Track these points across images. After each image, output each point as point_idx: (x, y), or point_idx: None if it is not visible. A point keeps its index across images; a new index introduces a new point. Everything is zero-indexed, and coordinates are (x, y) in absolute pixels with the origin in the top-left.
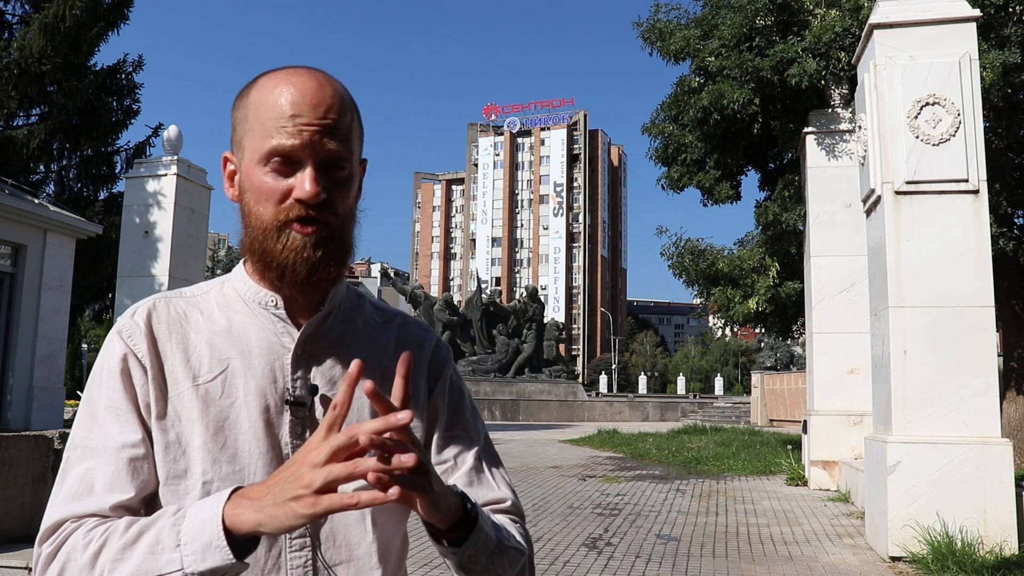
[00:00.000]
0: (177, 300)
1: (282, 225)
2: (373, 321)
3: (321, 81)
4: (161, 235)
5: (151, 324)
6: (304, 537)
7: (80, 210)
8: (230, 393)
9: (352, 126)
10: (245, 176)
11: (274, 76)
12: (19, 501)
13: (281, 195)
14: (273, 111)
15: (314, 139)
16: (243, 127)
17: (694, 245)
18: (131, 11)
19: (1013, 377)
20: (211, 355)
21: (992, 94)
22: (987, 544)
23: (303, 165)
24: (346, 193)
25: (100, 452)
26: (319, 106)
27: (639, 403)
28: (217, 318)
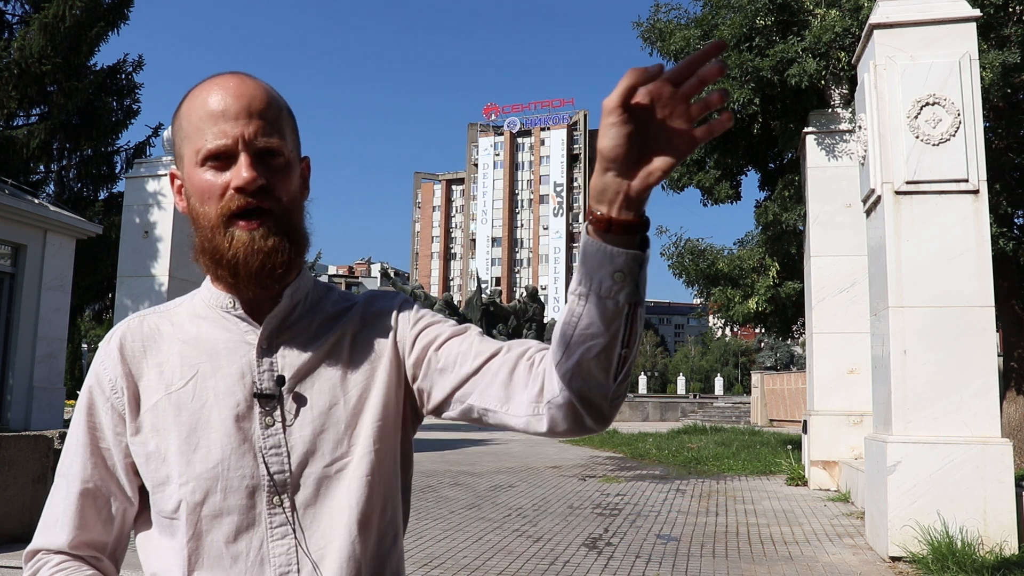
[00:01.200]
0: (151, 316)
1: (227, 220)
2: (341, 307)
3: (243, 79)
4: (161, 235)
5: (123, 347)
6: (285, 525)
7: (80, 210)
8: (200, 396)
9: (280, 118)
10: (188, 182)
11: (200, 84)
12: (19, 501)
13: (221, 189)
14: (201, 113)
15: (244, 131)
16: (179, 138)
17: (694, 245)
18: (131, 11)
19: (1013, 377)
20: (181, 363)
21: (992, 94)
22: (987, 544)
23: (237, 158)
24: (285, 180)
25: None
26: (242, 98)
27: (639, 403)
28: (187, 327)
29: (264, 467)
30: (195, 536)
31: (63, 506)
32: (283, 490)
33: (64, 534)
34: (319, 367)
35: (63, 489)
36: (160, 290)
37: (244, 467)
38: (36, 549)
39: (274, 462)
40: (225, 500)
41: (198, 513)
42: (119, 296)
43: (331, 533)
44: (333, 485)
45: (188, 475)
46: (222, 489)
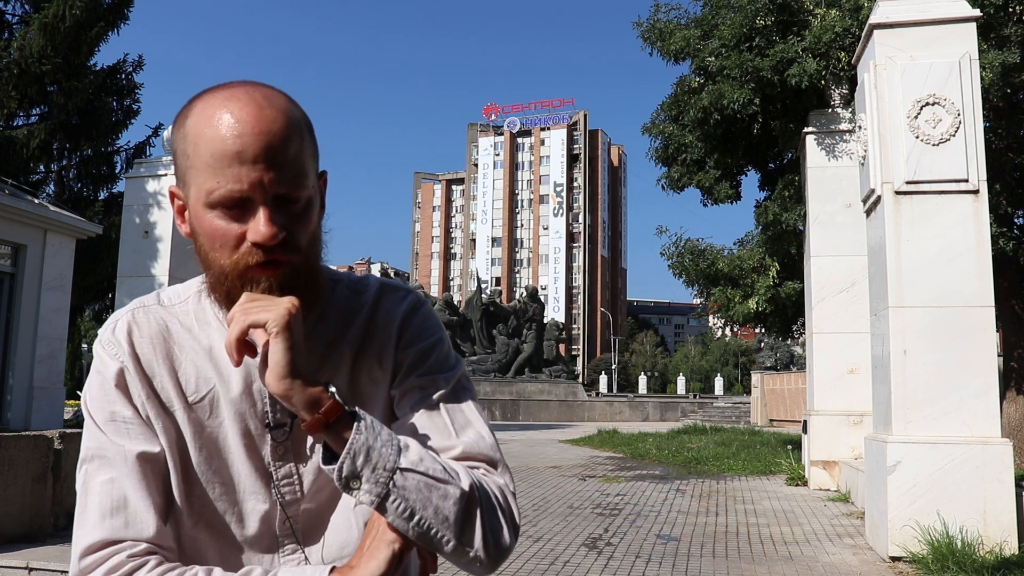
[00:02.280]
0: (157, 310)
1: (243, 272)
2: (348, 308)
3: (261, 104)
4: (161, 235)
5: (133, 341)
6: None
7: (80, 210)
8: (217, 415)
9: (302, 151)
10: (194, 217)
11: (211, 101)
12: (19, 501)
13: (236, 240)
14: (214, 149)
15: (263, 179)
16: (185, 162)
17: (694, 245)
18: (131, 11)
19: (1013, 377)
20: (197, 375)
21: (992, 94)
22: (987, 544)
23: (254, 206)
24: (306, 224)
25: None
26: (261, 136)
27: (639, 403)
28: (198, 335)
29: (278, 495)
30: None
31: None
32: (295, 519)
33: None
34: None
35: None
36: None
37: (258, 493)
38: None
39: (287, 491)
40: (241, 525)
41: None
42: (119, 296)
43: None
44: (345, 514)
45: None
46: (238, 513)
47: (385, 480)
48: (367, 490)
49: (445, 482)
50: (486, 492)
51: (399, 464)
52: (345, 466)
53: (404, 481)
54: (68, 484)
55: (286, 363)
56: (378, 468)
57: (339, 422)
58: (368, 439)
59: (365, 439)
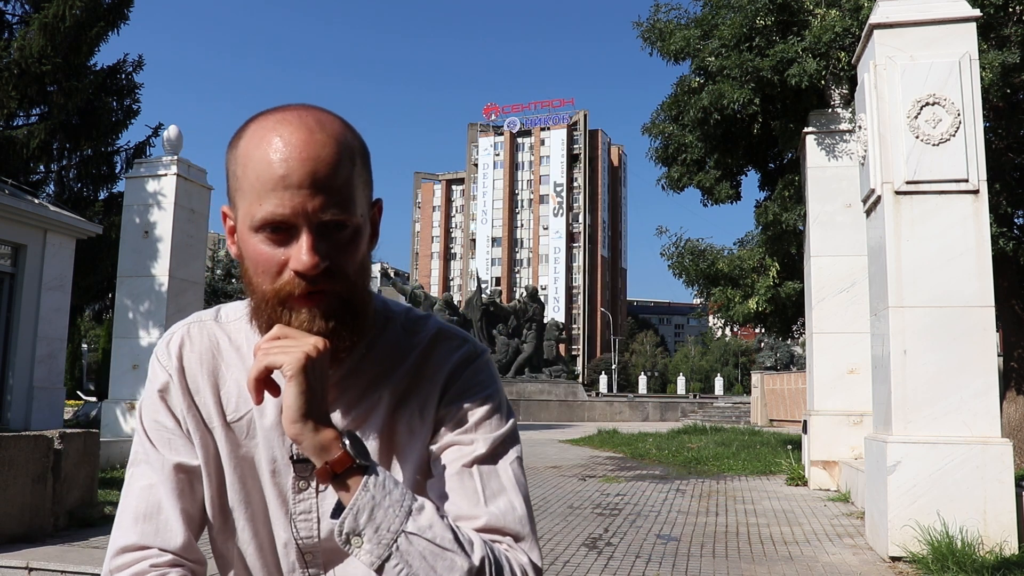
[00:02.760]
0: (211, 325)
1: (284, 300)
2: (399, 347)
3: (312, 128)
4: (161, 235)
5: (182, 356)
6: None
7: (80, 210)
8: (253, 435)
9: (352, 177)
10: (241, 240)
11: (262, 123)
12: (19, 501)
13: (278, 267)
14: (261, 171)
15: (307, 205)
16: (234, 184)
17: (694, 245)
18: (131, 11)
19: (1013, 377)
20: (239, 395)
21: (992, 94)
22: (987, 544)
23: (298, 232)
24: (352, 253)
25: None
26: (308, 161)
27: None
28: (245, 356)
29: (294, 530)
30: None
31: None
32: (310, 556)
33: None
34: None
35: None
36: (160, 290)
37: (279, 519)
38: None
39: (303, 527)
40: (265, 550)
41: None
42: (119, 296)
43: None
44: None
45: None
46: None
47: (388, 542)
48: (368, 550)
49: (453, 552)
50: (500, 568)
51: (405, 527)
52: (347, 523)
53: (409, 546)
54: (68, 484)
55: (298, 407)
56: (381, 529)
57: (348, 474)
58: (375, 497)
59: (372, 496)
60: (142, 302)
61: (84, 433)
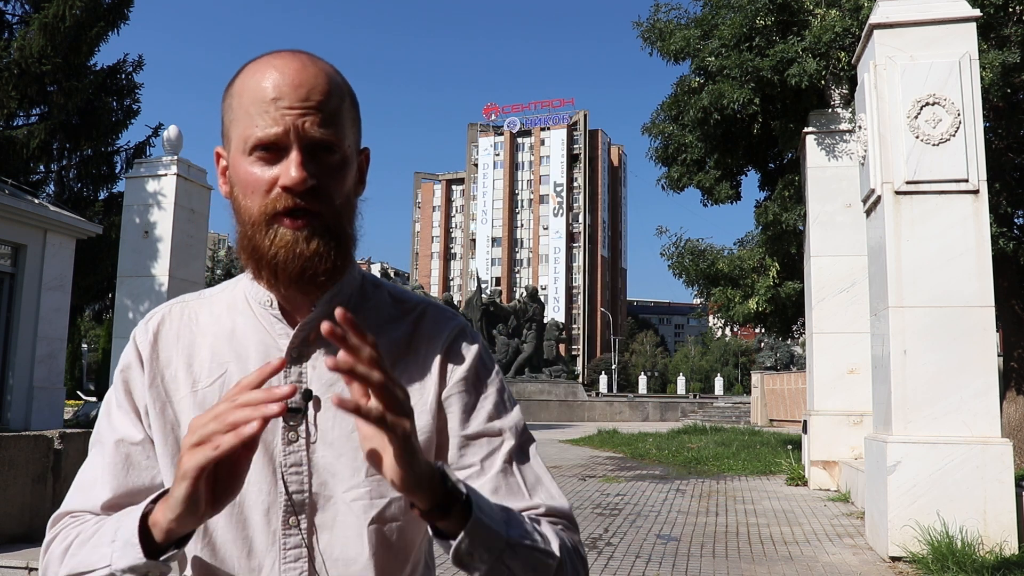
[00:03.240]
0: (193, 302)
1: (270, 218)
2: (388, 314)
3: (304, 62)
4: (161, 235)
5: (159, 332)
6: (300, 548)
7: (80, 210)
8: None
9: (342, 108)
10: (232, 168)
11: (257, 61)
12: (19, 501)
13: (268, 185)
14: (254, 96)
15: (297, 123)
16: (228, 117)
17: (694, 245)
18: (131, 11)
19: (1013, 377)
20: (211, 360)
21: (992, 94)
22: (987, 544)
23: (288, 151)
24: (340, 180)
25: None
26: (301, 87)
27: (639, 403)
28: (223, 321)
29: (283, 485)
30: (208, 546)
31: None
32: (300, 511)
33: (101, 493)
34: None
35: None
36: (160, 290)
37: (262, 482)
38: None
39: (293, 481)
40: (241, 515)
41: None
42: (119, 296)
43: (346, 561)
44: (352, 511)
45: None
46: (239, 503)
47: (497, 554)
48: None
49: (543, 550)
50: (570, 555)
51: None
52: (463, 547)
53: (513, 555)
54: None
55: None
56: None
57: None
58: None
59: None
60: (142, 302)
61: (84, 433)
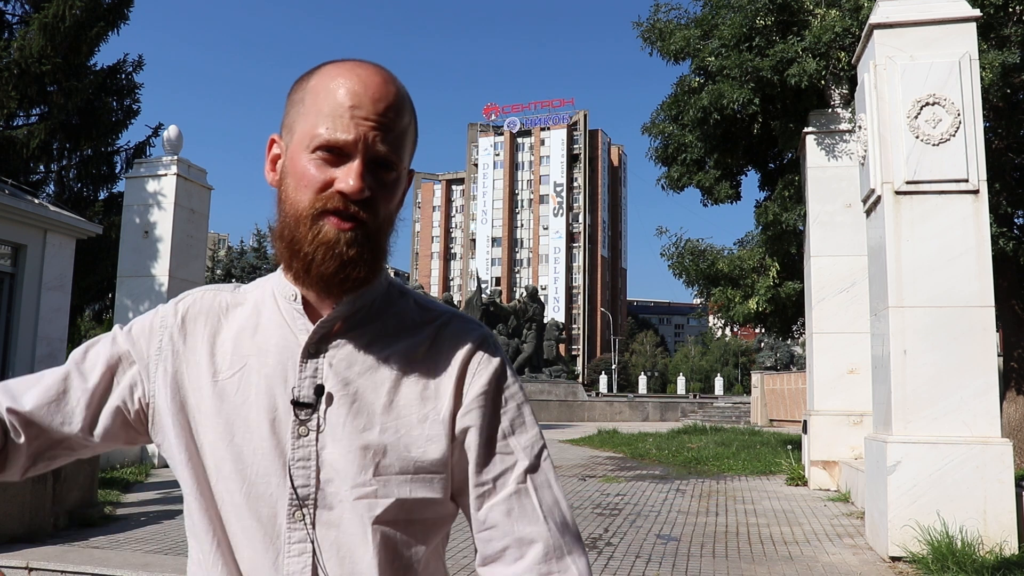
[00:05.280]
0: (224, 294)
1: (318, 214)
2: (411, 320)
3: (386, 78)
4: (161, 235)
5: (186, 314)
6: (304, 543)
7: (80, 210)
8: (243, 391)
9: (408, 130)
10: (289, 160)
11: (339, 65)
12: (19, 501)
13: (323, 184)
14: (332, 99)
15: (368, 135)
16: (297, 110)
17: (694, 245)
18: (131, 11)
19: (1013, 377)
20: (233, 352)
21: (992, 94)
22: (987, 544)
23: (351, 158)
24: (389, 197)
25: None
26: (380, 101)
27: (639, 403)
28: (250, 315)
29: (289, 478)
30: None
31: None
32: (305, 505)
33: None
34: (365, 383)
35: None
36: (160, 290)
37: (271, 475)
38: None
39: (300, 475)
40: (248, 506)
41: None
42: (119, 296)
43: (353, 558)
44: (356, 510)
45: (218, 473)
46: (246, 494)
47: None
48: None
49: None
50: None
51: None
52: None
53: None
54: (68, 484)
55: None
56: None
57: None
58: None
59: None
60: (142, 302)
61: None
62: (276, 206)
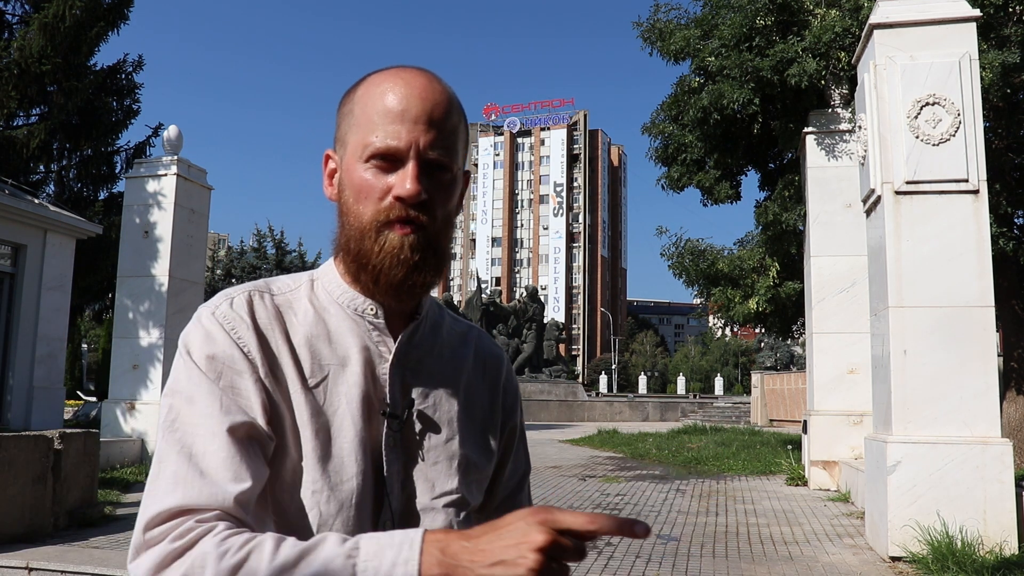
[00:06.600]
0: (269, 296)
1: (381, 226)
2: (454, 332)
3: (431, 79)
4: (161, 235)
5: (255, 317)
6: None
7: (80, 210)
8: (333, 402)
9: (458, 129)
10: (345, 173)
11: (384, 73)
12: (19, 501)
13: (381, 193)
14: (379, 107)
15: (419, 139)
16: (347, 122)
17: (694, 245)
18: (131, 11)
19: (1013, 377)
20: (312, 359)
21: (992, 94)
22: (987, 544)
23: (405, 163)
24: (446, 198)
25: (206, 433)
26: (427, 102)
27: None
28: (313, 320)
29: (382, 488)
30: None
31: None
32: (396, 515)
33: (229, 486)
34: (442, 395)
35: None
36: (160, 290)
37: (370, 485)
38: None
39: (392, 485)
40: (351, 513)
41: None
42: (119, 296)
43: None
44: (439, 518)
45: (322, 484)
46: (354, 504)
47: None
48: None
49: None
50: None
51: None
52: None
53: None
54: (68, 484)
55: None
56: None
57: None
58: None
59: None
60: (142, 302)
61: (84, 433)
62: (337, 219)
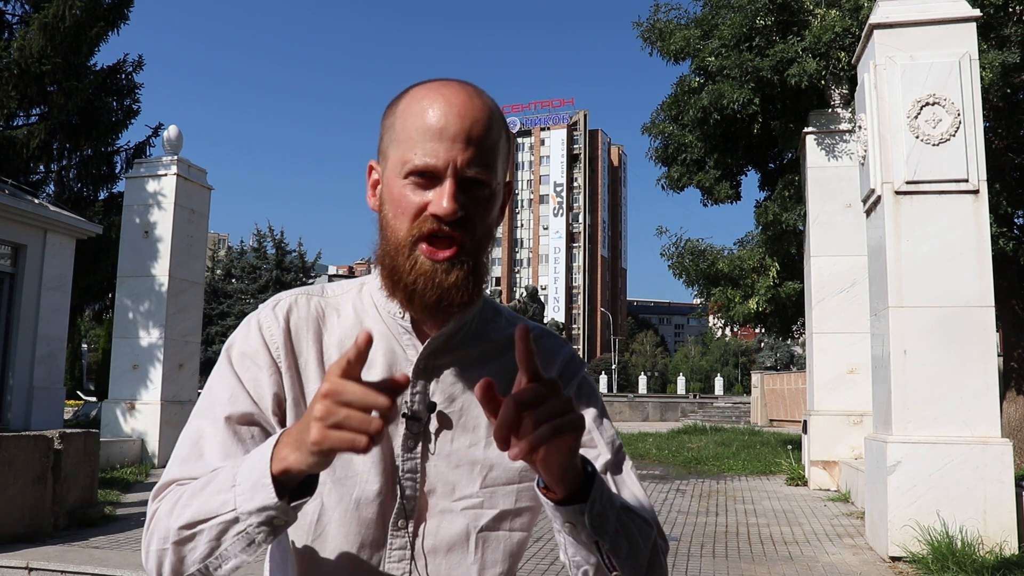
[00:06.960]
0: (316, 299)
1: (415, 241)
2: (506, 336)
3: (471, 94)
4: (161, 235)
5: (289, 319)
6: (404, 550)
7: (80, 210)
8: None
9: (498, 144)
10: (386, 186)
11: (424, 87)
12: (19, 501)
13: (418, 209)
14: (418, 123)
15: (456, 157)
16: (389, 136)
17: (694, 245)
18: (131, 11)
19: (1013, 377)
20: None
21: (992, 94)
22: (987, 544)
23: (442, 180)
24: (485, 212)
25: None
26: (465, 119)
27: (639, 403)
28: (352, 323)
29: (398, 488)
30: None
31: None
32: (410, 515)
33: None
34: (470, 399)
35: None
36: (160, 290)
37: (379, 483)
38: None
39: (408, 486)
40: (356, 511)
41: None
42: (119, 296)
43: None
44: (458, 522)
45: (326, 475)
46: (356, 499)
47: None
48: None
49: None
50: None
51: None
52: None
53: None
54: (68, 484)
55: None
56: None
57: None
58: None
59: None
60: (142, 302)
61: (84, 433)
62: (378, 232)
